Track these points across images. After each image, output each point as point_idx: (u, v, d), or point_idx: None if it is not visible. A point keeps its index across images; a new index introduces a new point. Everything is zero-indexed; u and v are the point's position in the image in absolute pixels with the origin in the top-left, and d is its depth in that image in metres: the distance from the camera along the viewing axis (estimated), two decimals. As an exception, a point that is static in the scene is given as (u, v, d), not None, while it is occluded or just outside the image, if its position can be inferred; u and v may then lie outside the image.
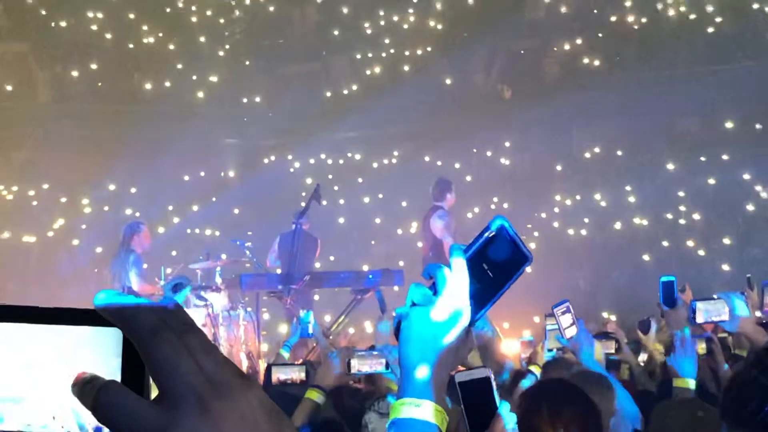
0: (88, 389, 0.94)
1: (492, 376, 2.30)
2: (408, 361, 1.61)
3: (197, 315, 11.28)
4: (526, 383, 4.94)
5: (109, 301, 0.97)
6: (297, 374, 5.78)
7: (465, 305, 1.59)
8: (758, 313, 5.51)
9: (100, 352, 1.02)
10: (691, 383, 4.79)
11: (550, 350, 6.04)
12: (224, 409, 0.92)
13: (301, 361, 6.91)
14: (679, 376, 4.82)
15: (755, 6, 18.53)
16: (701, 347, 5.53)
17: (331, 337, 9.93)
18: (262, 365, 10.67)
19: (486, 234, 1.67)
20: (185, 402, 0.92)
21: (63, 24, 18.81)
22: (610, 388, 4.60)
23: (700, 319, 4.76)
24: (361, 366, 5.21)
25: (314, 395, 5.06)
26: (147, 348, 0.94)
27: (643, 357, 7.33)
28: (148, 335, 0.94)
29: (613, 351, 6.59)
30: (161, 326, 0.94)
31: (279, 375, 5.79)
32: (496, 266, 1.66)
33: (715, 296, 4.73)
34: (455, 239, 12.12)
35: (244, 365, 11.48)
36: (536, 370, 5.66)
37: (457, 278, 1.60)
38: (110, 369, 1.01)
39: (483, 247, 1.66)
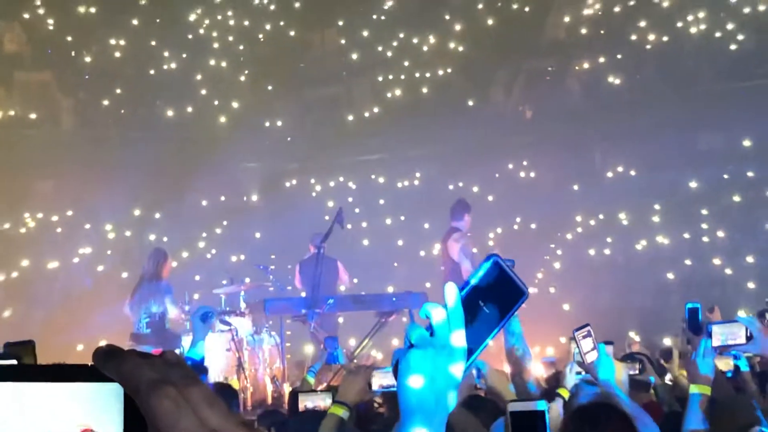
0: None
1: (547, 409, 2.30)
2: (406, 403, 1.56)
3: (222, 340, 11.31)
4: (555, 407, 4.93)
5: (108, 356, 0.97)
6: (323, 401, 5.77)
7: (461, 345, 1.57)
8: None
9: (101, 409, 1.00)
10: (707, 390, 4.74)
11: (578, 373, 5.99)
12: None
13: (326, 385, 6.89)
14: (694, 383, 4.77)
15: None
16: (727, 364, 5.48)
17: (355, 360, 9.93)
18: (287, 389, 10.67)
19: (480, 271, 1.66)
20: None
21: (86, 52, 18.97)
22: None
23: (716, 343, 4.73)
24: (382, 381, 5.21)
25: (339, 411, 5.05)
26: (147, 403, 0.94)
27: (669, 377, 7.28)
28: (148, 390, 0.93)
29: (637, 372, 6.54)
30: (161, 380, 0.94)
31: (306, 403, 5.79)
32: (492, 303, 1.65)
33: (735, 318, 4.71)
34: (474, 261, 12.11)
35: (269, 389, 11.50)
36: (564, 394, 5.61)
37: (452, 318, 1.58)
38: (112, 426, 0.99)
39: (478, 284, 1.65)
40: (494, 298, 1.65)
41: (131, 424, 0.98)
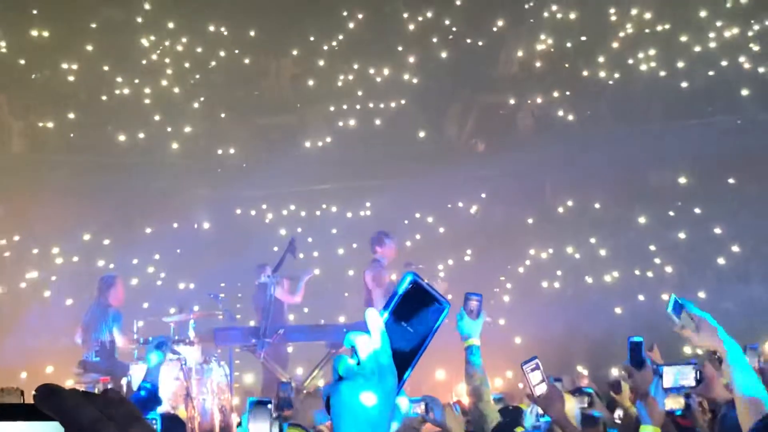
0: None
1: None
2: None
3: (171, 368, 11.18)
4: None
5: (49, 394, 0.94)
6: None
7: (390, 370, 1.56)
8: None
9: None
10: (657, 430, 4.76)
11: (541, 415, 5.93)
12: None
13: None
14: (644, 423, 4.79)
15: (724, 63, 18.77)
16: (678, 402, 5.49)
17: (305, 392, 9.86)
18: (235, 419, 10.56)
19: (399, 291, 1.64)
20: None
21: (38, 75, 18.82)
22: None
23: (667, 384, 4.75)
24: None
25: None
26: None
27: (618, 413, 7.28)
28: (90, 430, 0.91)
29: (586, 405, 6.55)
30: (102, 420, 0.92)
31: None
32: (415, 321, 1.64)
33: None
34: (386, 290, 12.16)
35: (217, 419, 11.38)
36: (519, 430, 5.60)
37: (376, 343, 1.56)
38: None
39: (399, 304, 1.64)
40: (416, 315, 1.64)
41: None
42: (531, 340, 15.63)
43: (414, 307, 1.64)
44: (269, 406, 5.39)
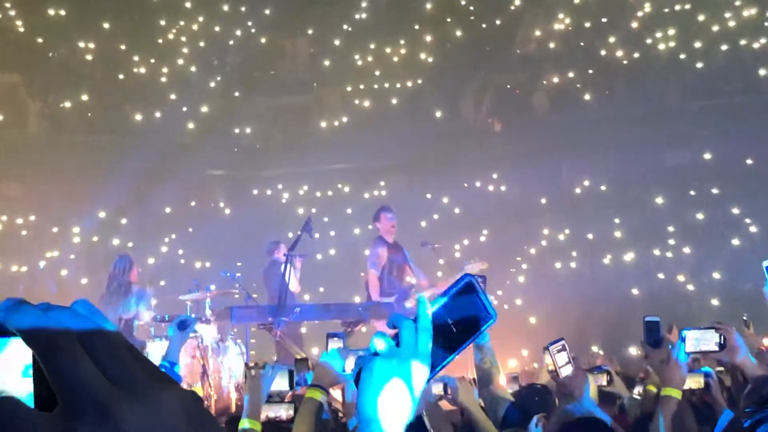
0: None
1: (425, 415, 2.29)
2: (365, 412, 1.55)
3: (187, 347, 11.22)
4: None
5: (11, 310, 0.90)
6: (285, 412, 5.71)
7: (426, 360, 1.57)
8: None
9: (11, 367, 0.94)
10: (678, 393, 4.76)
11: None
12: (130, 413, 0.86)
13: (290, 397, 6.82)
14: (666, 386, 4.78)
15: (743, 42, 18.66)
16: (697, 381, 5.48)
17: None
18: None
19: (454, 289, 1.66)
20: (83, 411, 0.85)
21: (55, 54, 18.85)
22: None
23: (689, 348, 4.73)
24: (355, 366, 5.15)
25: (317, 395, 5.00)
26: (43, 357, 0.88)
27: (638, 389, 7.26)
28: (47, 344, 0.88)
29: (605, 383, 6.56)
30: (62, 333, 0.88)
31: (267, 413, 5.71)
32: (459, 322, 1.66)
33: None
34: (381, 268, 12.18)
35: (233, 397, 11.43)
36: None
37: (421, 332, 1.58)
38: (23, 385, 0.93)
39: (450, 302, 1.65)
40: (462, 317, 1.66)
41: (42, 383, 0.91)
42: (546, 320, 15.64)
43: (462, 309, 1.66)
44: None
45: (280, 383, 5.81)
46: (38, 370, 0.91)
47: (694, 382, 5.39)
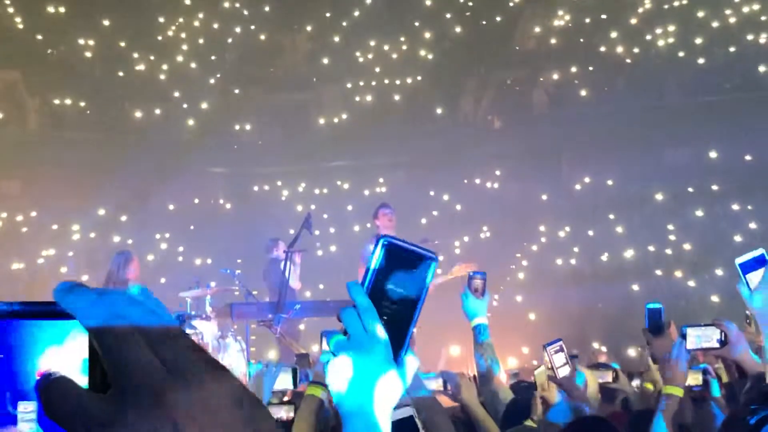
0: (42, 385, 0.91)
1: (416, 414, 2.24)
2: (341, 409, 1.54)
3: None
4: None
5: (67, 292, 0.94)
6: (285, 413, 5.68)
7: (381, 340, 1.53)
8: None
9: (66, 348, 1.00)
10: (680, 391, 4.76)
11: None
12: (182, 399, 0.88)
13: (290, 395, 6.79)
14: (668, 384, 4.78)
15: (742, 38, 18.63)
16: (695, 378, 5.48)
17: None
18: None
19: (376, 256, 1.57)
20: (136, 395, 0.88)
21: (54, 52, 18.84)
22: None
23: (690, 345, 4.73)
24: None
25: (317, 391, 4.99)
26: (99, 340, 0.91)
27: (636, 382, 7.25)
28: (101, 327, 0.91)
29: (610, 380, 6.54)
30: (115, 317, 0.91)
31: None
32: (403, 282, 1.57)
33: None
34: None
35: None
36: (531, 424, 5.57)
37: (363, 315, 1.54)
38: (77, 364, 0.98)
39: (379, 269, 1.57)
40: (404, 276, 1.57)
41: (97, 364, 0.94)
42: (547, 317, 15.64)
43: (399, 269, 1.57)
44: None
45: (284, 381, 5.81)
46: (93, 354, 0.94)
47: (692, 379, 5.39)
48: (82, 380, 0.94)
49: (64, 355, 1.00)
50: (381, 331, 1.54)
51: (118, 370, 0.90)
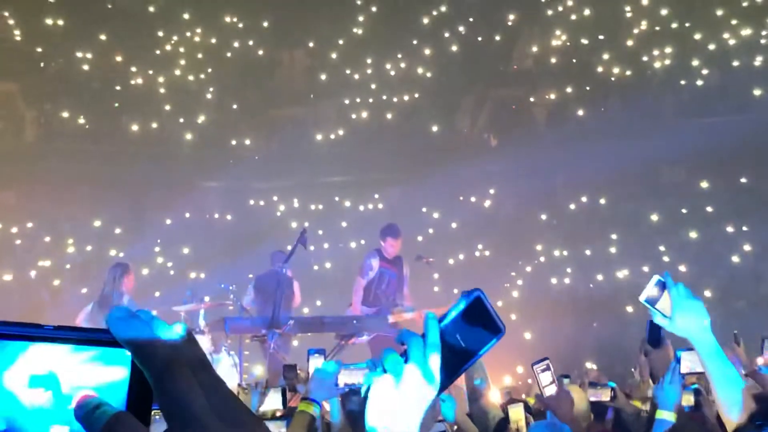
0: (98, 415, 0.93)
1: None
2: (374, 429, 1.53)
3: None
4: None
5: (124, 325, 0.96)
6: (277, 430, 5.67)
7: (435, 377, 1.54)
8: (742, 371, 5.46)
9: (107, 373, 1.01)
10: (673, 416, 4.77)
11: None
12: None
13: (282, 413, 6.75)
14: (661, 409, 4.79)
15: (738, 62, 18.71)
16: (687, 399, 5.48)
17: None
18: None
19: (462, 304, 1.62)
20: None
21: (52, 64, 18.86)
22: None
23: (684, 370, 4.74)
24: (347, 380, 5.22)
25: (309, 408, 4.99)
26: (161, 380, 0.94)
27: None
28: (163, 367, 0.93)
29: (608, 399, 6.53)
30: (176, 359, 0.94)
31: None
32: (468, 336, 1.62)
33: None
34: (365, 279, 12.62)
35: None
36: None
37: (429, 349, 1.55)
38: (115, 391, 1.00)
39: (458, 317, 1.62)
40: (471, 332, 1.62)
41: (136, 393, 0.98)
42: (541, 336, 15.62)
43: (471, 324, 1.63)
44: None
45: (274, 401, 5.81)
46: (136, 380, 0.99)
47: (684, 400, 5.40)
48: (33, 394, 0.97)
49: (15, 372, 1.00)
50: (437, 371, 1.55)
51: (175, 412, 0.93)
